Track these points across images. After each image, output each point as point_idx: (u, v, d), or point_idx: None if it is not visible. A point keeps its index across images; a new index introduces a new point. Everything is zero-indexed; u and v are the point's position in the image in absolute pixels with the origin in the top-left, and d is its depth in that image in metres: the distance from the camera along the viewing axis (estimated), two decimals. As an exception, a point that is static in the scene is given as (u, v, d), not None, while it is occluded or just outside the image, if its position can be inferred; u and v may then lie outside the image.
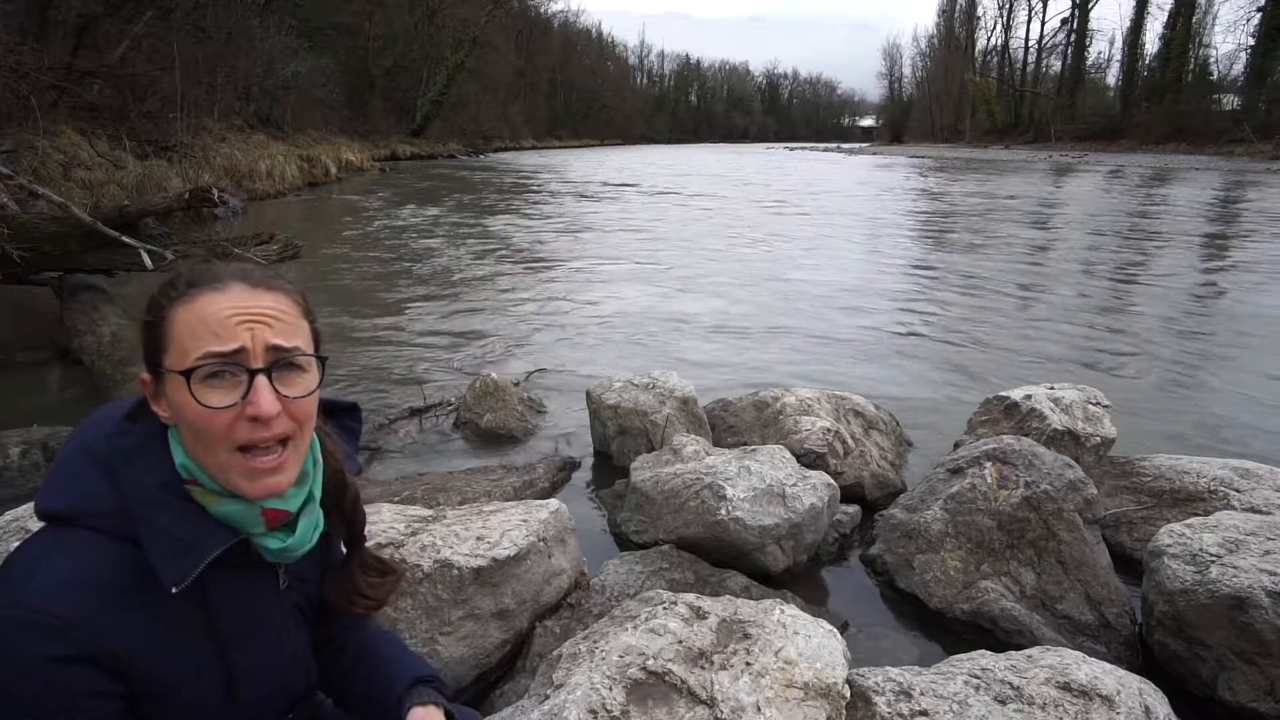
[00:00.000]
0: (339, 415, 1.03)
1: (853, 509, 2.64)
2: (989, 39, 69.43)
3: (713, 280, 7.37)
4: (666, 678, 1.34)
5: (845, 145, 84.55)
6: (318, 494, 0.89)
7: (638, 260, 8.54)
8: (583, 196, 17.20)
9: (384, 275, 7.46)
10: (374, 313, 5.87)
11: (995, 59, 67.33)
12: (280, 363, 0.79)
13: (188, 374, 0.75)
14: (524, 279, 7.45)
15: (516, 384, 3.89)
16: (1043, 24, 69.51)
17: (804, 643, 1.45)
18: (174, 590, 0.75)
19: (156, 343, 0.79)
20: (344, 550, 1.02)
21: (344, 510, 0.97)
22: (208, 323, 0.77)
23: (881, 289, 7.13)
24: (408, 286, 6.92)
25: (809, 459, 2.77)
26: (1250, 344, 5.32)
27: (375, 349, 4.90)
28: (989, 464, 2.33)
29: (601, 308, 6.23)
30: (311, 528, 0.88)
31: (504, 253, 9.08)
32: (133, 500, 0.77)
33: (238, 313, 0.78)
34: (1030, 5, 66.06)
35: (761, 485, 2.29)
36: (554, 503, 2.07)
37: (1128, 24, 51.53)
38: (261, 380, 0.77)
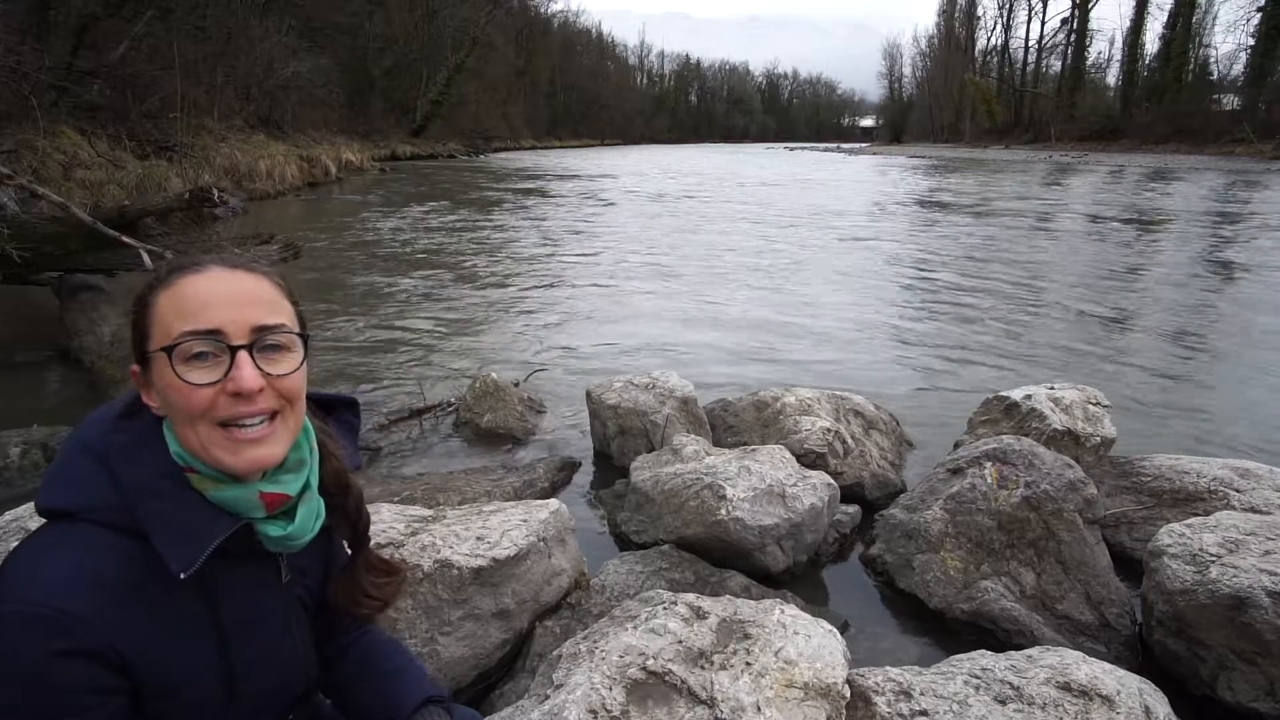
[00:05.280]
0: (337, 410, 1.03)
1: (853, 509, 2.64)
2: (989, 39, 69.53)
3: (713, 281, 7.37)
4: (666, 678, 1.34)
5: (845, 145, 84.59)
6: (315, 482, 0.89)
7: (637, 261, 8.54)
8: (583, 197, 17.20)
9: (384, 275, 7.46)
10: (374, 313, 5.87)
11: (995, 59, 67.34)
12: (263, 342, 0.80)
13: (170, 350, 0.76)
14: (524, 279, 7.45)
15: (516, 384, 3.89)
16: (1043, 24, 69.61)
17: (804, 643, 1.45)
18: (182, 576, 0.75)
19: (142, 330, 0.80)
20: (348, 552, 1.02)
21: (348, 512, 0.97)
22: (188, 302, 0.78)
23: (881, 289, 7.13)
24: (408, 286, 6.92)
25: (809, 459, 2.77)
26: (1250, 344, 5.32)
27: (375, 349, 4.90)
28: (989, 464, 2.33)
29: (602, 308, 6.23)
30: (312, 516, 0.88)
31: (504, 253, 9.08)
32: (134, 493, 0.77)
33: (218, 292, 0.79)
34: (1030, 5, 66.12)
35: (761, 485, 2.28)
36: (554, 503, 2.07)
37: (1128, 24, 51.62)
38: (243, 356, 0.78)
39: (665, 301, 6.45)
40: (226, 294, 0.79)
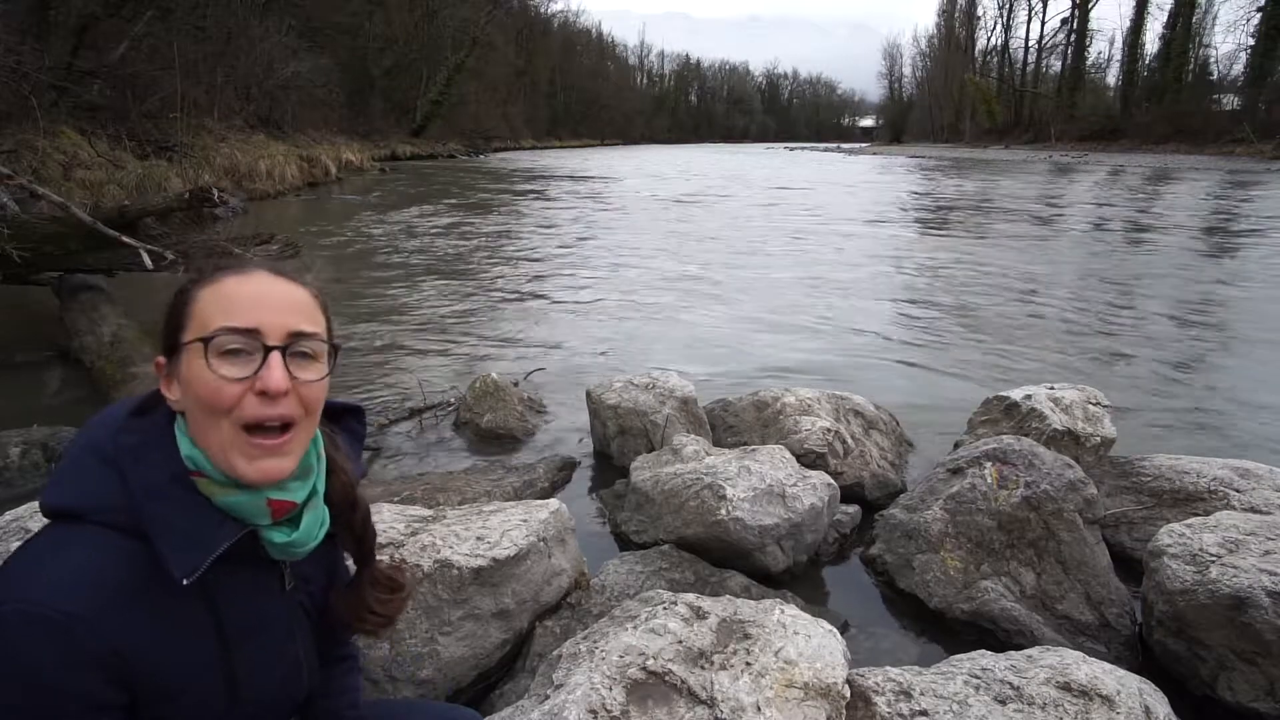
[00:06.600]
0: (344, 418, 1.02)
1: (853, 509, 2.64)
2: (989, 39, 69.52)
3: (713, 281, 7.37)
4: (666, 678, 1.34)
5: (845, 145, 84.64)
6: (321, 489, 0.90)
7: (637, 261, 8.54)
8: (584, 198, 17.21)
9: (384, 275, 7.46)
10: (374, 313, 5.87)
11: (995, 59, 67.33)
12: (295, 348, 0.81)
13: (206, 341, 0.77)
14: (524, 279, 7.45)
15: (516, 384, 3.89)
16: (1043, 24, 69.60)
17: (804, 643, 1.45)
18: (185, 582, 0.75)
19: (177, 321, 0.81)
20: (352, 567, 1.02)
21: (355, 527, 0.97)
22: (230, 300, 0.80)
23: (881, 289, 7.13)
24: (407, 287, 6.92)
25: (809, 459, 2.77)
26: (1251, 344, 5.32)
27: (375, 349, 4.90)
28: (989, 464, 2.33)
29: (602, 308, 6.22)
30: (316, 523, 0.88)
31: (503, 253, 9.08)
32: (140, 495, 0.77)
33: (260, 295, 0.81)
34: (1030, 5, 66.12)
35: (761, 485, 2.29)
36: (554, 503, 2.07)
37: (1128, 24, 51.55)
38: (275, 356, 0.79)
39: (665, 302, 6.45)
40: (268, 298, 0.81)
